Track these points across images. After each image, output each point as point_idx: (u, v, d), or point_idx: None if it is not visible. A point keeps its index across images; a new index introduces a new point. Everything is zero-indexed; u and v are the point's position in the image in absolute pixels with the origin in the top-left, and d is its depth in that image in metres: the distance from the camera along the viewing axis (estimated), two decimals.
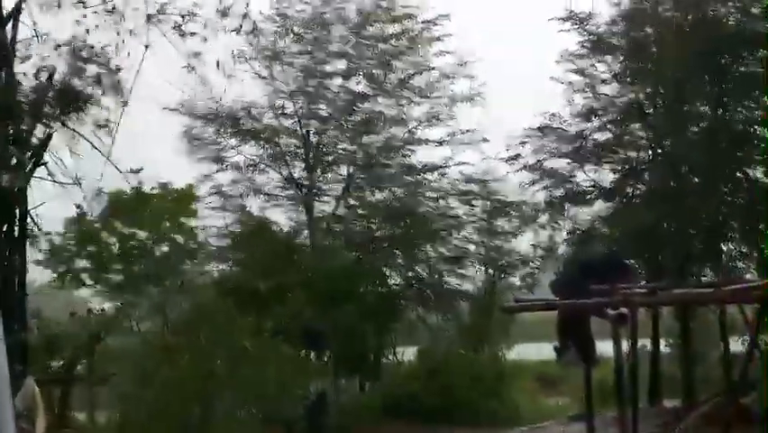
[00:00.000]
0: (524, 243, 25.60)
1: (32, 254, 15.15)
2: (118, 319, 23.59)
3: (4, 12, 12.23)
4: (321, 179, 25.77)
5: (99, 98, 13.55)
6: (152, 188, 22.96)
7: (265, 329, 19.79)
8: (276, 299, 21.37)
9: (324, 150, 25.62)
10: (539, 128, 22.37)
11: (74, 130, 11.61)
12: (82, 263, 23.67)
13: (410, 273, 25.64)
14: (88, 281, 23.99)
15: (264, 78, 24.99)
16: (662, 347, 23.30)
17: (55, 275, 23.38)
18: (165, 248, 24.23)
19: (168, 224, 24.18)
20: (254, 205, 25.56)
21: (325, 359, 22.17)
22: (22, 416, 10.37)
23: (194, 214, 24.69)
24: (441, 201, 25.73)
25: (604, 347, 11.99)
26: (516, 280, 25.85)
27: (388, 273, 25.61)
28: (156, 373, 18.86)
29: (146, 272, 23.73)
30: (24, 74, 11.23)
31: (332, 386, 22.12)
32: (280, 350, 19.10)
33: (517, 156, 22.56)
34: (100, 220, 22.09)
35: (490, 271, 25.93)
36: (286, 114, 25.19)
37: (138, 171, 18.41)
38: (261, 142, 25.25)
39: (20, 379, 10.75)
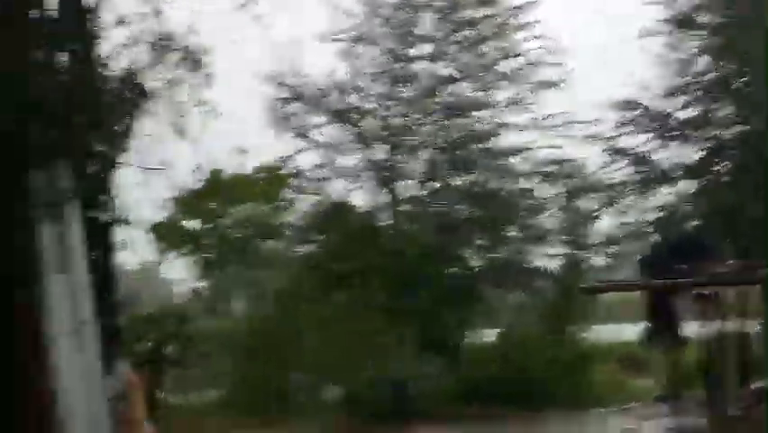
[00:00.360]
0: (607, 223, 25.34)
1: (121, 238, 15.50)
2: (209, 299, 24.26)
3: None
4: (403, 161, 25.85)
5: (183, 81, 13.72)
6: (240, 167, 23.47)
7: (347, 309, 20.08)
8: (356, 280, 21.60)
9: (408, 132, 25.68)
10: (623, 106, 22.10)
11: (158, 115, 11.83)
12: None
13: (491, 255, 25.57)
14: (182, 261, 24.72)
15: (350, 58, 25.18)
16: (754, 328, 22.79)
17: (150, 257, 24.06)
18: (254, 228, 24.81)
19: (258, 203, 24.76)
20: (336, 187, 25.78)
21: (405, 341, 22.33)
22: (118, 397, 10.65)
23: (283, 194, 25.20)
24: (523, 182, 25.60)
25: (691, 328, 11.83)
26: (599, 261, 25.59)
27: (468, 255, 25.59)
28: (251, 350, 19.42)
29: (236, 251, 24.33)
30: (107, 58, 11.44)
31: (412, 368, 22.27)
32: (364, 329, 19.39)
33: (601, 136, 22.36)
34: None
35: (573, 251, 25.70)
36: (370, 95, 25.35)
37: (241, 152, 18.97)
38: (345, 124, 25.44)
39: (114, 361, 11.04)
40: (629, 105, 22.25)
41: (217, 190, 23.19)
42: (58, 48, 9.62)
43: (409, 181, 25.88)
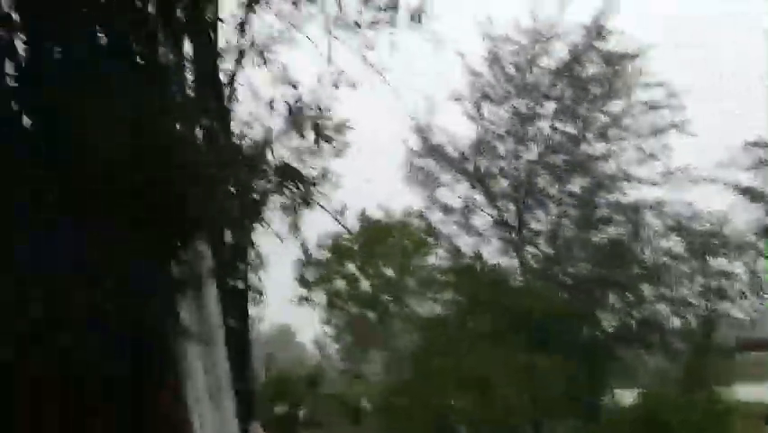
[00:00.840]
0: (742, 274, 24.42)
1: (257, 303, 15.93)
2: (343, 361, 24.52)
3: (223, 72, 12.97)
4: (531, 219, 25.76)
5: (316, 148, 14.11)
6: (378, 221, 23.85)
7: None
8: (490, 339, 21.43)
9: (535, 190, 25.64)
10: (751, 148, 21.52)
11: (294, 183, 12.25)
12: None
13: (625, 314, 24.99)
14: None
15: (476, 118, 25.47)
16: None
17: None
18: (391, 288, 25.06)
19: (406, 258, 25.08)
20: (465, 244, 25.93)
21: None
22: None
23: (428, 250, 25.44)
24: (656, 239, 25.02)
25: None
26: (736, 315, 24.64)
27: (602, 315, 25.09)
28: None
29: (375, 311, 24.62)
30: (241, 131, 11.88)
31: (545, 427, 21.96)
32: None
33: (730, 181, 21.79)
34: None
35: (711, 308, 24.85)
36: (497, 155, 25.53)
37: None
38: (474, 183, 25.67)
39: (249, 423, 11.29)
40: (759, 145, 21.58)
41: (353, 251, 23.64)
42: (196, 122, 10.03)
43: (539, 239, 25.76)
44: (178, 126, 8.78)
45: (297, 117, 12.86)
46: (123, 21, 8.60)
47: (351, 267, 24.70)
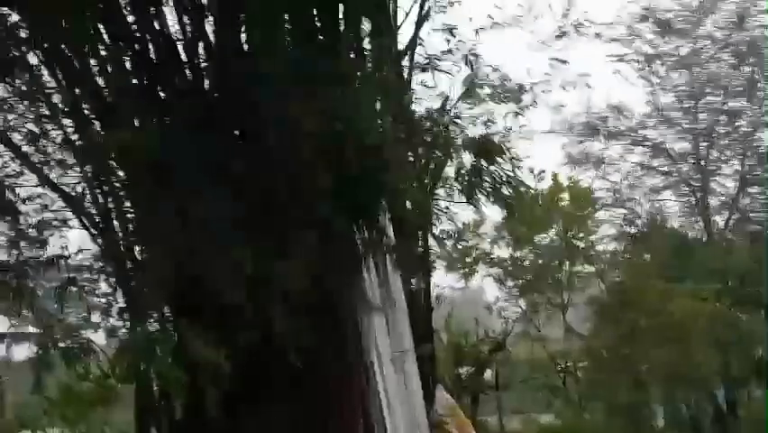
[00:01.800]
0: None
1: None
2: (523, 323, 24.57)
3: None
4: (713, 177, 25.10)
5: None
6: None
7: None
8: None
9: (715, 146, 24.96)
10: None
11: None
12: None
13: None
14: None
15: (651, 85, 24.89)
16: None
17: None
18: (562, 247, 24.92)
19: (566, 223, 24.89)
20: (642, 208, 25.55)
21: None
22: (438, 422, 11.10)
23: (591, 215, 25.20)
24: None
25: None
26: None
27: None
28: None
29: (547, 274, 24.54)
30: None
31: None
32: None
33: None
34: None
35: None
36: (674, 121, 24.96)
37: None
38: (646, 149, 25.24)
39: (432, 387, 11.56)
40: None
41: (527, 213, 23.54)
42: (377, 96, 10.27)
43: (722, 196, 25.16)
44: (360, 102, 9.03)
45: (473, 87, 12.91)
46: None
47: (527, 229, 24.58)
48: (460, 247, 22.85)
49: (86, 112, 9.52)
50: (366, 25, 9.49)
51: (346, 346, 9.61)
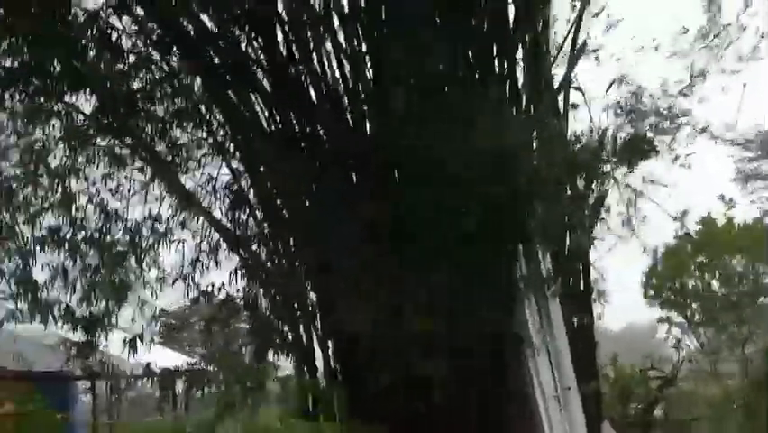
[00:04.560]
0: None
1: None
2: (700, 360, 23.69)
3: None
4: None
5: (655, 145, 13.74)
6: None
7: None
8: None
9: None
10: None
11: (627, 185, 12.03)
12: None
13: None
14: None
15: None
16: None
17: None
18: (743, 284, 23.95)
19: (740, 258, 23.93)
20: None
21: None
22: None
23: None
24: None
25: None
26: None
27: None
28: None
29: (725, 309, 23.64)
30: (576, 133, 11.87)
31: None
32: None
33: None
34: None
35: None
36: None
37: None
38: None
39: (596, 424, 11.29)
40: None
41: (705, 243, 22.71)
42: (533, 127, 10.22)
43: None
44: (515, 133, 9.05)
45: (635, 121, 12.60)
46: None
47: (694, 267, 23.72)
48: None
49: (253, 156, 9.96)
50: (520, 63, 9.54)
51: (508, 385, 9.59)
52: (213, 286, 9.91)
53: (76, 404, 20.54)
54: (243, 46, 9.63)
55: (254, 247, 10.02)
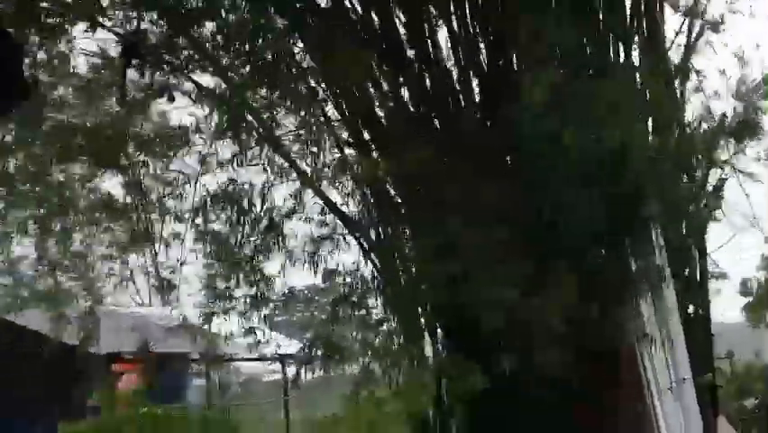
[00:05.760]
0: None
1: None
2: None
3: None
4: None
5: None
6: None
7: None
8: None
9: None
10: None
11: (740, 171, 11.67)
12: None
13: None
14: None
15: None
16: None
17: None
18: None
19: None
20: None
21: None
22: None
23: None
24: None
25: None
26: None
27: None
28: None
29: None
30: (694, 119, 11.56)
31: None
32: None
33: None
34: None
35: None
36: None
37: None
38: None
39: (711, 417, 11.05)
40: None
41: None
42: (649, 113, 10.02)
43: None
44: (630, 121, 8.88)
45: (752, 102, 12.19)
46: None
47: None
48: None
49: (366, 140, 10.01)
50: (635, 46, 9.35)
51: (621, 377, 9.46)
52: (341, 266, 9.85)
53: (190, 387, 21.13)
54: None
55: (380, 229, 9.96)
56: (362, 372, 9.06)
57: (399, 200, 9.92)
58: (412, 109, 9.68)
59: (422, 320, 9.40)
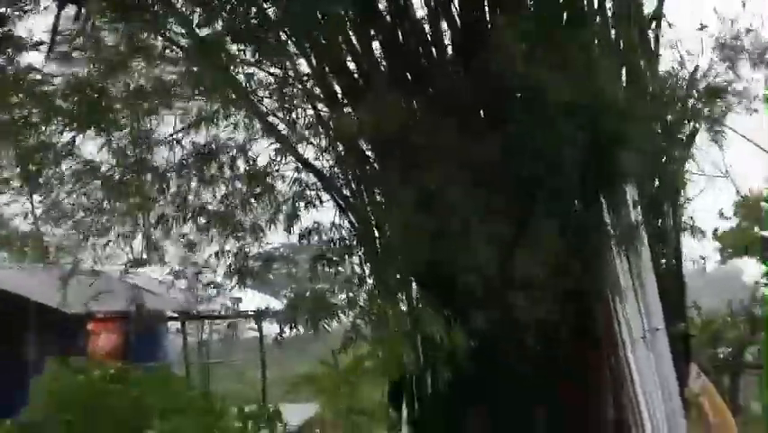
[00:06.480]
0: None
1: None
2: None
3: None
4: None
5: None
6: None
7: None
8: None
9: None
10: None
11: (715, 121, 11.63)
12: None
13: None
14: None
15: None
16: None
17: None
18: None
19: None
20: None
21: None
22: (692, 403, 10.70)
23: None
24: None
25: None
26: None
27: None
28: None
29: None
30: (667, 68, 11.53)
31: None
32: None
33: None
34: None
35: None
36: None
37: None
38: None
39: (685, 366, 11.15)
40: None
41: None
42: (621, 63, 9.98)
43: None
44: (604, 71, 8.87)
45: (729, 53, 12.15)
46: None
47: None
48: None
49: (338, 95, 9.92)
50: None
51: (595, 327, 9.53)
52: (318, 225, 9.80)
53: (167, 344, 21.15)
54: None
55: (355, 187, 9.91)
56: (350, 329, 9.03)
57: (373, 157, 9.86)
58: (384, 63, 9.60)
59: (398, 277, 9.37)
